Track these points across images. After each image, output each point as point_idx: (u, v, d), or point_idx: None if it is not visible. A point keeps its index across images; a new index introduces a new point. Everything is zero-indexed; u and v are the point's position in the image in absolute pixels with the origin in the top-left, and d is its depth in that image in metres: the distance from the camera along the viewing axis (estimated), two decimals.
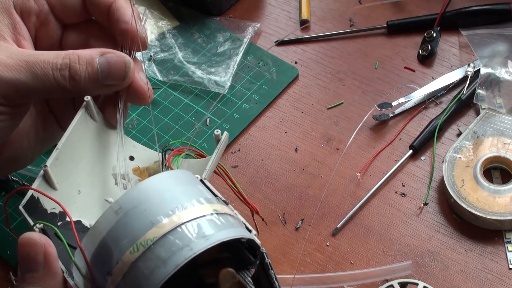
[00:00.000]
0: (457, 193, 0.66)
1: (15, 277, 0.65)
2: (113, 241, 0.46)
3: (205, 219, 0.46)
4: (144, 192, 0.47)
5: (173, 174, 0.51)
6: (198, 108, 0.76)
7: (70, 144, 0.57)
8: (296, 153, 0.72)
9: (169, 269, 0.43)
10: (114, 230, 0.46)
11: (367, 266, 0.64)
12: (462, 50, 0.80)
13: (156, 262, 0.44)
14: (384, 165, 0.71)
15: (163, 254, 0.44)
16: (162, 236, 0.44)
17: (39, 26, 0.59)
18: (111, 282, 0.45)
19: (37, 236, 0.48)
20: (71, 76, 0.53)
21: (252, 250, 0.49)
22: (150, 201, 0.47)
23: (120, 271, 0.45)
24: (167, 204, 0.46)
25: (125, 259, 0.45)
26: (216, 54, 0.80)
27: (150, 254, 0.44)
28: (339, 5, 0.85)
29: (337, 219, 0.67)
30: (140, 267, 0.44)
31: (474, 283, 0.63)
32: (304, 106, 0.76)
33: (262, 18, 0.85)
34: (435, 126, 0.71)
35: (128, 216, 0.46)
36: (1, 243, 0.66)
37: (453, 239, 0.66)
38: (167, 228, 0.45)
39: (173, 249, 0.44)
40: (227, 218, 0.48)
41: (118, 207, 0.47)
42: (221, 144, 0.59)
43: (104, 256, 0.46)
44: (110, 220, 0.46)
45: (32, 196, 0.54)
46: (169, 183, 0.49)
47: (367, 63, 0.79)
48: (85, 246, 0.47)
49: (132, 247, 0.45)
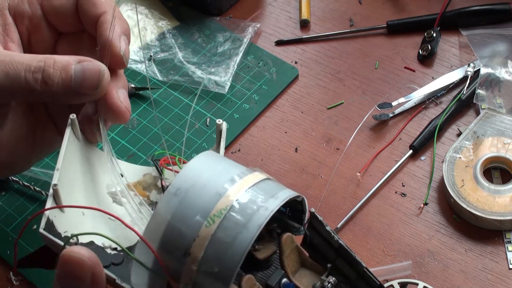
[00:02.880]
0: (457, 193, 0.66)
1: (15, 277, 0.65)
2: (181, 222, 0.45)
3: (263, 183, 0.47)
4: (195, 170, 0.48)
5: (209, 153, 0.51)
6: (198, 108, 0.76)
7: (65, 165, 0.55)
8: (296, 153, 0.72)
9: (252, 231, 0.44)
10: (179, 211, 0.46)
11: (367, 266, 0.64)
12: (462, 50, 0.80)
13: (236, 228, 0.44)
14: (384, 165, 0.71)
15: (241, 219, 0.44)
16: (234, 203, 0.45)
17: (32, 30, 0.59)
18: (191, 261, 0.45)
19: (86, 253, 0.45)
20: (43, 79, 0.52)
21: (293, 218, 0.50)
22: (206, 176, 0.47)
23: (199, 247, 0.44)
24: (223, 176, 0.47)
25: (203, 234, 0.44)
26: (216, 54, 0.80)
27: (227, 222, 0.44)
28: (339, 5, 0.85)
29: (337, 219, 0.67)
30: (221, 238, 0.44)
31: (474, 283, 0.63)
32: (304, 106, 0.76)
33: (262, 18, 0.85)
34: (435, 126, 0.71)
35: (189, 194, 0.46)
36: (1, 243, 0.66)
37: (453, 239, 0.66)
38: (236, 196, 0.45)
39: (249, 213, 0.45)
40: (277, 183, 0.49)
41: (176, 189, 0.46)
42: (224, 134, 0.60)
43: (174, 240, 0.45)
44: (172, 203, 0.46)
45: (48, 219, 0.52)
46: (212, 159, 0.49)
47: (367, 63, 0.79)
48: (149, 238, 0.46)
49: (206, 221, 0.45)
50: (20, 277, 0.65)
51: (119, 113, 0.56)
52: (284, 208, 0.50)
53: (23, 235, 0.66)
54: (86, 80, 0.53)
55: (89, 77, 0.53)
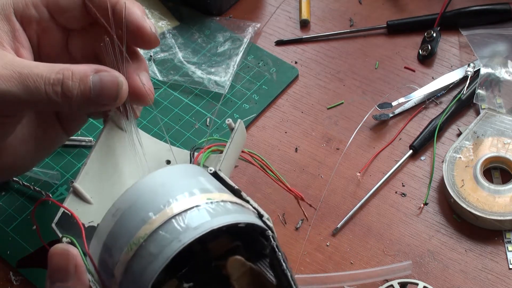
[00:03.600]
0: (457, 193, 0.66)
1: (15, 277, 0.65)
2: (112, 243, 0.46)
3: (196, 209, 0.46)
4: (139, 190, 0.47)
5: (172, 169, 0.50)
6: (198, 108, 0.76)
7: (100, 158, 0.57)
8: (296, 153, 0.72)
9: (159, 263, 0.44)
10: (112, 232, 0.47)
11: (367, 266, 0.64)
12: (462, 50, 0.80)
13: (148, 259, 0.44)
14: (384, 165, 0.71)
15: (154, 249, 0.44)
16: (153, 232, 0.45)
17: (41, 33, 0.58)
18: (114, 283, 0.46)
19: (70, 247, 0.49)
20: (63, 92, 0.52)
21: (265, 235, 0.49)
22: (143, 198, 0.47)
23: (118, 272, 0.45)
24: (159, 199, 0.46)
25: (122, 260, 0.45)
26: (216, 54, 0.80)
27: (142, 251, 0.45)
28: (339, 5, 0.85)
29: (337, 219, 0.67)
30: (134, 266, 0.45)
31: (474, 283, 0.63)
32: (304, 106, 0.76)
33: (262, 18, 0.85)
34: (435, 126, 0.71)
35: (124, 216, 0.46)
36: (1, 243, 0.66)
37: (453, 239, 0.66)
38: (157, 224, 0.45)
39: (163, 244, 0.44)
40: (223, 205, 0.47)
41: (115, 209, 0.47)
42: (234, 133, 0.59)
43: (106, 259, 0.47)
44: (109, 223, 0.47)
45: (64, 213, 0.54)
46: (165, 178, 0.49)
47: (367, 63, 0.79)
48: (92, 253, 0.48)
49: (126, 247, 0.45)
50: (20, 277, 0.65)
51: (142, 96, 0.57)
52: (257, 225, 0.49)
53: (23, 235, 0.66)
54: (105, 91, 0.53)
55: (107, 88, 0.53)
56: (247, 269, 0.48)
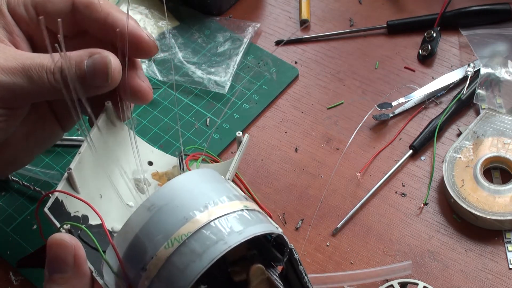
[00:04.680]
0: (457, 193, 0.66)
1: (15, 277, 0.65)
2: (146, 237, 0.46)
3: (236, 214, 0.47)
4: (176, 189, 0.48)
5: (202, 172, 0.51)
6: (198, 108, 0.76)
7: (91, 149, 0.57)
8: (296, 153, 0.72)
9: (204, 263, 0.44)
10: (147, 226, 0.46)
11: (367, 266, 0.64)
12: (462, 50, 0.80)
13: (191, 257, 0.44)
14: (384, 165, 0.71)
15: (198, 248, 0.44)
16: (196, 230, 0.45)
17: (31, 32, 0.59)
18: (146, 277, 0.45)
19: (67, 237, 0.48)
20: (63, 79, 0.53)
21: (278, 247, 0.50)
22: (182, 197, 0.47)
23: (154, 266, 0.45)
24: (198, 200, 0.47)
25: (160, 254, 0.45)
26: (216, 54, 0.80)
27: (184, 248, 0.45)
28: (339, 5, 0.85)
29: (337, 219, 0.67)
30: (175, 262, 0.45)
31: (474, 283, 0.63)
32: (304, 106, 0.76)
33: (262, 18, 0.85)
34: (435, 126, 0.71)
35: (161, 212, 0.47)
36: (1, 243, 0.66)
37: (453, 239, 0.66)
38: (201, 223, 0.45)
39: (207, 243, 0.44)
40: (257, 214, 0.48)
41: (151, 204, 0.47)
42: (243, 147, 0.60)
43: (137, 252, 0.46)
44: (143, 217, 0.47)
45: (56, 199, 0.55)
46: (199, 180, 0.50)
47: (367, 63, 0.79)
48: (116, 244, 0.48)
49: (166, 242, 0.45)
50: (20, 277, 0.65)
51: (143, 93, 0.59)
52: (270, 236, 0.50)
53: (23, 235, 0.66)
54: (97, 72, 0.54)
55: (99, 69, 0.54)
56: (265, 278, 0.49)
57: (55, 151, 0.73)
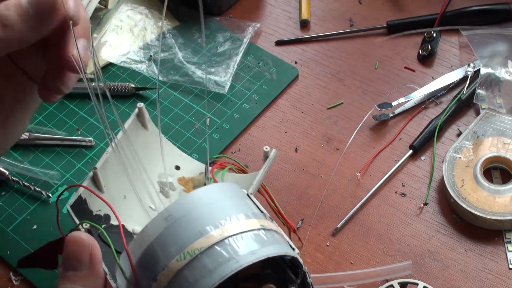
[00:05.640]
0: (457, 193, 0.66)
1: (15, 277, 0.65)
2: (160, 247, 0.46)
3: (252, 233, 0.47)
4: (195, 201, 0.48)
5: (223, 187, 0.51)
6: (198, 108, 0.76)
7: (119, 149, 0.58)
8: (296, 153, 0.72)
9: (214, 279, 0.44)
10: (162, 236, 0.47)
11: (367, 266, 0.64)
12: (462, 50, 0.80)
13: (202, 272, 0.44)
14: (384, 165, 0.71)
15: (210, 264, 0.44)
16: (210, 246, 0.45)
17: None
18: (155, 286, 0.45)
19: (85, 236, 0.48)
20: (3, 24, 0.49)
21: (293, 268, 0.50)
22: (200, 211, 0.47)
23: (165, 278, 0.45)
24: (215, 215, 0.47)
25: (172, 266, 0.45)
26: (216, 54, 0.80)
27: (196, 263, 0.45)
28: (339, 5, 0.85)
29: (337, 219, 0.67)
30: (185, 276, 0.45)
31: (474, 283, 0.63)
32: (304, 106, 0.76)
33: (262, 18, 0.85)
34: (435, 126, 0.71)
35: (177, 224, 0.47)
36: (1, 243, 0.66)
37: (453, 239, 0.66)
38: (215, 239, 0.45)
39: (219, 260, 0.44)
40: (273, 234, 0.48)
41: (168, 214, 0.47)
42: (269, 161, 0.60)
43: (150, 261, 0.47)
44: (159, 226, 0.47)
45: (80, 197, 0.55)
46: (219, 195, 0.49)
47: (367, 63, 0.79)
48: (131, 250, 0.48)
49: (179, 255, 0.45)
50: (20, 277, 0.65)
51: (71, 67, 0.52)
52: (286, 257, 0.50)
53: (23, 235, 0.66)
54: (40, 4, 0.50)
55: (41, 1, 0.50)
56: None
57: (55, 151, 0.73)
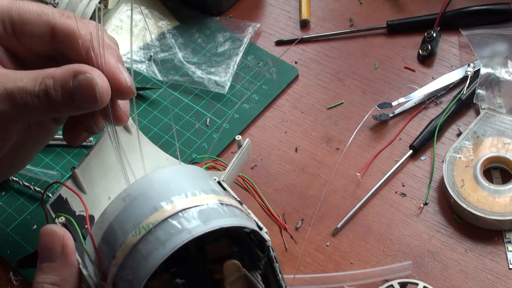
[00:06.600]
0: (457, 193, 0.66)
1: (15, 277, 0.65)
2: (119, 225, 0.47)
3: (207, 206, 0.47)
4: (152, 180, 0.49)
5: (184, 168, 0.52)
6: (198, 108, 0.76)
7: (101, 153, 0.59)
8: (296, 153, 0.72)
9: (166, 250, 0.44)
10: (120, 215, 0.48)
11: (367, 266, 0.64)
12: (462, 50, 0.80)
13: (155, 244, 0.45)
14: (384, 165, 0.71)
15: (162, 236, 0.45)
16: (163, 220, 0.46)
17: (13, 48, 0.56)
18: (114, 264, 0.46)
19: (57, 228, 0.50)
20: (48, 102, 0.51)
21: (262, 247, 0.50)
22: (156, 188, 0.48)
23: (122, 253, 0.46)
24: (172, 192, 0.48)
25: (128, 242, 0.46)
26: (216, 54, 0.80)
27: (150, 236, 0.45)
28: (339, 5, 0.85)
29: (337, 219, 0.67)
30: (140, 249, 0.45)
31: (474, 283, 0.63)
32: (304, 106, 0.76)
33: (262, 18, 0.85)
34: (435, 126, 0.71)
35: (134, 202, 0.48)
36: (1, 243, 0.66)
37: (453, 239, 0.66)
38: (168, 213, 0.46)
39: (172, 232, 0.45)
40: (232, 209, 0.48)
41: (126, 194, 0.48)
42: (242, 150, 0.60)
43: (110, 241, 0.48)
44: (118, 206, 0.48)
45: (60, 196, 0.56)
46: (178, 174, 0.50)
47: (367, 63, 0.79)
48: (94, 233, 0.49)
49: (134, 230, 0.46)
50: (20, 277, 0.65)
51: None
52: (253, 235, 0.49)
53: (23, 235, 0.66)
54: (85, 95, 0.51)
55: (87, 92, 0.51)
56: (242, 275, 0.48)
57: (55, 151, 0.73)
